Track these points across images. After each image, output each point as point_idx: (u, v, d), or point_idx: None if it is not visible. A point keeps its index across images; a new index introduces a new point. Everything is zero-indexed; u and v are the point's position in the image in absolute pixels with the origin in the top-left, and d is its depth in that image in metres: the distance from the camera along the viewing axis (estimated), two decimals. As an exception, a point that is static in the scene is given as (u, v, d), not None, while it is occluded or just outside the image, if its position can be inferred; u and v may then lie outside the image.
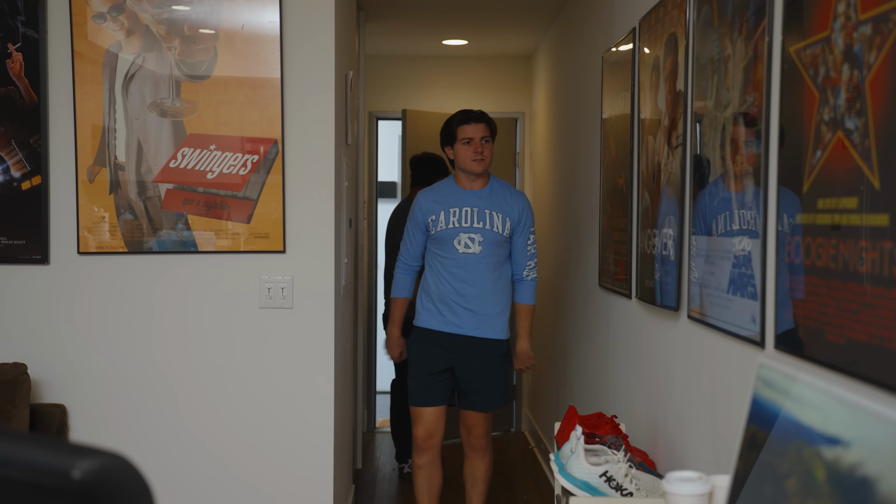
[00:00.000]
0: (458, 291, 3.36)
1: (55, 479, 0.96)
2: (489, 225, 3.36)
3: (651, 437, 2.62)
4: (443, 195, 3.41)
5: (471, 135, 3.37)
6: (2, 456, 0.99)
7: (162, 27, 3.00)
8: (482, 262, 3.35)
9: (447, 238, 3.35)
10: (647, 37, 2.70)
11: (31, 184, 3.01)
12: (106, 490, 0.97)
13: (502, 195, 3.41)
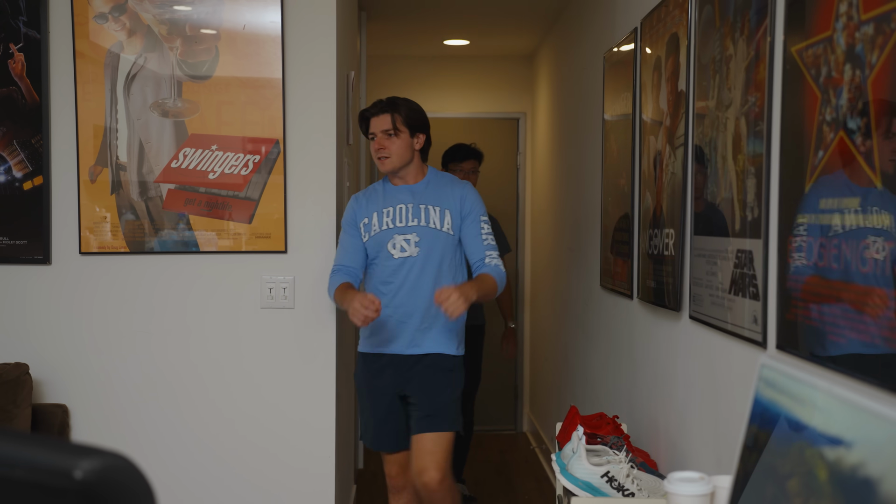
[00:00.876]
0: (395, 303, 2.88)
1: (57, 478, 0.96)
2: (424, 220, 2.90)
3: (653, 438, 2.61)
4: (375, 195, 2.97)
5: (372, 129, 2.92)
6: (4, 456, 0.99)
7: (163, 27, 3.00)
8: (423, 265, 2.88)
9: (381, 243, 2.90)
10: (648, 37, 2.70)
11: (33, 184, 3.01)
12: (107, 490, 0.97)
13: (439, 186, 2.96)
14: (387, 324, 2.89)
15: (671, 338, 2.48)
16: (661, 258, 2.51)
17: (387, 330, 2.90)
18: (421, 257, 2.88)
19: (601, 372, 3.50)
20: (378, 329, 2.91)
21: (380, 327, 2.91)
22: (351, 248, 2.95)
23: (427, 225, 2.90)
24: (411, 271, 2.88)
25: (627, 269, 2.95)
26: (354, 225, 2.95)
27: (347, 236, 2.96)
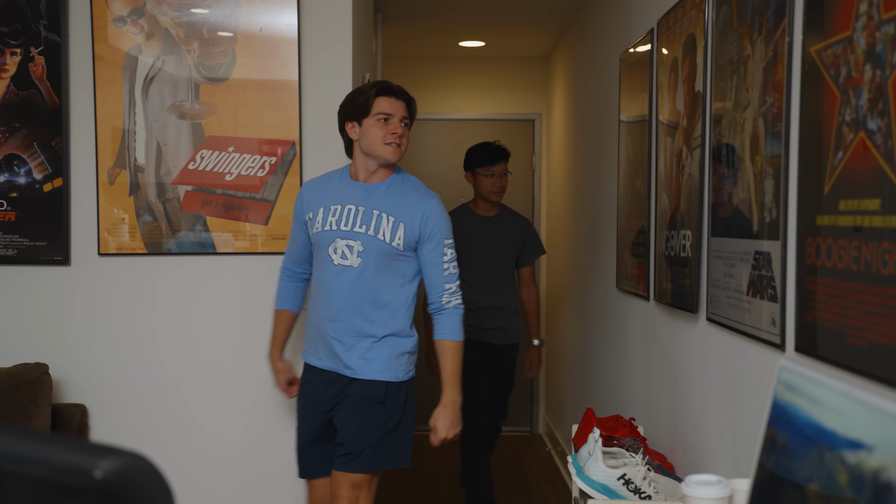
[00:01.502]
0: (326, 314, 2.54)
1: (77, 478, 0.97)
2: (374, 230, 2.52)
3: (670, 440, 2.60)
4: (328, 187, 2.61)
5: (390, 111, 2.54)
6: (25, 455, 1.00)
7: (181, 30, 3.02)
8: (359, 279, 2.51)
9: (322, 244, 2.56)
10: (665, 37, 2.69)
11: (53, 186, 3.03)
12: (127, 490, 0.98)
13: (401, 193, 2.57)
14: (320, 337, 2.58)
15: (688, 340, 2.47)
16: (677, 260, 2.50)
17: (319, 344, 2.59)
18: (359, 270, 2.51)
19: (617, 374, 3.48)
20: (312, 340, 2.61)
21: (313, 339, 2.61)
22: (297, 244, 2.69)
23: (375, 235, 2.52)
24: (346, 284, 2.52)
25: (644, 271, 2.94)
26: (300, 219, 2.66)
27: (293, 230, 2.71)
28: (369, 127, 2.54)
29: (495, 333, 3.99)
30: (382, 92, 2.56)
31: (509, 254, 4.01)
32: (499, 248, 3.99)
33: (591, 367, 4.14)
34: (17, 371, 2.85)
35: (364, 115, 2.55)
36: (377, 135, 2.53)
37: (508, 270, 4.02)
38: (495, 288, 3.96)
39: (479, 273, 3.94)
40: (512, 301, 4.02)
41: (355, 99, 2.58)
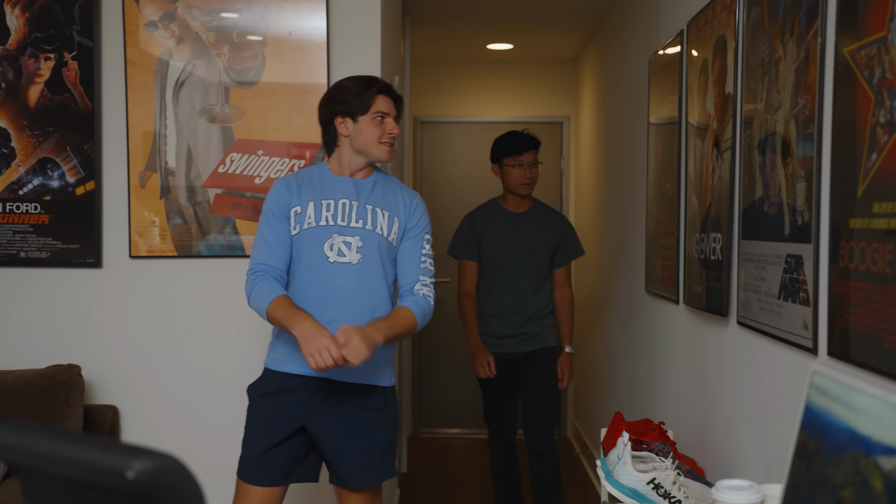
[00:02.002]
0: (322, 316, 2.33)
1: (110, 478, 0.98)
2: (371, 224, 2.41)
3: (699, 445, 2.58)
4: (310, 182, 2.45)
5: (387, 110, 2.44)
6: (60, 456, 1.01)
7: (211, 34, 3.05)
8: (360, 276, 2.38)
9: (316, 240, 2.39)
10: (695, 39, 2.67)
11: (85, 189, 3.07)
12: (158, 490, 0.99)
13: (389, 189, 2.49)
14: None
15: (718, 343, 2.45)
16: (707, 263, 2.48)
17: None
18: (360, 266, 2.38)
19: (646, 377, 3.46)
20: (293, 339, 2.34)
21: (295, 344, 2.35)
22: (276, 242, 2.40)
23: (374, 229, 2.41)
24: (346, 281, 2.37)
25: (673, 274, 2.92)
26: (283, 214, 2.42)
27: (271, 228, 2.41)
28: (365, 125, 2.42)
29: (517, 341, 3.65)
30: (383, 91, 2.45)
31: (542, 254, 3.65)
32: (529, 248, 3.64)
33: (620, 371, 4.12)
34: (51, 372, 2.89)
35: (361, 112, 2.42)
36: (374, 133, 2.42)
37: (539, 272, 3.65)
38: (521, 291, 3.65)
39: (507, 274, 3.64)
40: (542, 305, 3.67)
41: (346, 95, 2.43)
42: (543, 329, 3.69)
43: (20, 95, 3.05)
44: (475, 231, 3.67)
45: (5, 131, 3.05)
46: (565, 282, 3.78)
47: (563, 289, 3.77)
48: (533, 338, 3.67)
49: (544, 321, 3.70)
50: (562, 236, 3.70)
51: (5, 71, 3.04)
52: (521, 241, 3.64)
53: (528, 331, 3.65)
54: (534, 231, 3.66)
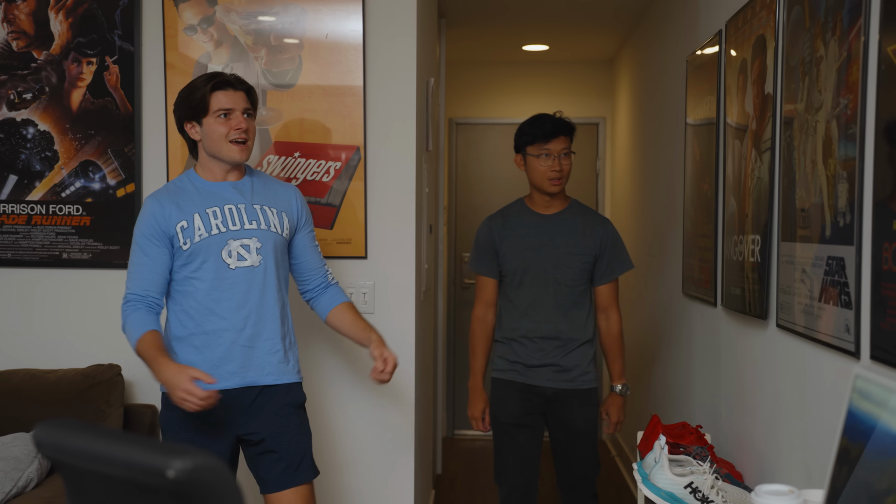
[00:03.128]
0: (233, 325, 2.32)
1: (151, 477, 0.99)
2: (265, 223, 2.36)
3: (738, 449, 2.55)
4: (185, 194, 2.35)
5: (230, 105, 2.33)
6: (102, 454, 1.03)
7: (249, 38, 3.07)
8: (264, 277, 2.35)
9: (211, 250, 2.31)
10: (733, 39, 2.65)
11: (126, 191, 3.12)
12: (198, 490, 1.00)
13: (267, 186, 2.44)
14: (218, 350, 2.33)
15: (757, 346, 2.42)
16: (746, 265, 2.46)
17: (218, 357, 2.33)
18: (263, 268, 2.35)
19: (684, 380, 3.43)
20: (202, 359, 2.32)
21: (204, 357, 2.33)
22: (150, 269, 2.32)
23: (269, 228, 2.37)
24: (254, 284, 2.33)
25: (711, 276, 2.89)
26: (159, 236, 2.32)
27: (144, 255, 2.32)
28: (210, 125, 2.32)
29: (545, 373, 2.90)
30: (219, 86, 2.33)
31: (575, 265, 2.90)
32: (559, 257, 2.91)
33: (656, 374, 4.08)
34: (92, 372, 2.93)
35: (203, 113, 2.32)
36: (220, 133, 2.31)
37: (574, 288, 2.91)
38: (549, 310, 2.90)
39: (532, 291, 2.92)
40: (578, 330, 2.91)
41: (190, 96, 2.34)
42: (581, 362, 2.91)
43: (63, 99, 3.10)
44: (492, 238, 2.98)
45: (49, 134, 3.11)
46: (611, 303, 2.98)
47: (609, 312, 2.98)
48: (566, 372, 2.91)
49: (582, 352, 2.92)
50: (603, 244, 2.93)
51: (49, 75, 3.10)
52: (549, 248, 2.92)
53: (560, 362, 2.91)
54: (566, 237, 2.92)
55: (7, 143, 3.11)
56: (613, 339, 3.00)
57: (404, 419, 3.12)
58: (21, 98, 3.10)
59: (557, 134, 2.93)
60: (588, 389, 2.92)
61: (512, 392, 2.92)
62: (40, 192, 3.12)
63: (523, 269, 2.93)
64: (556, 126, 2.94)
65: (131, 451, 0.99)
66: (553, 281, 2.91)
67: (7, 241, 3.12)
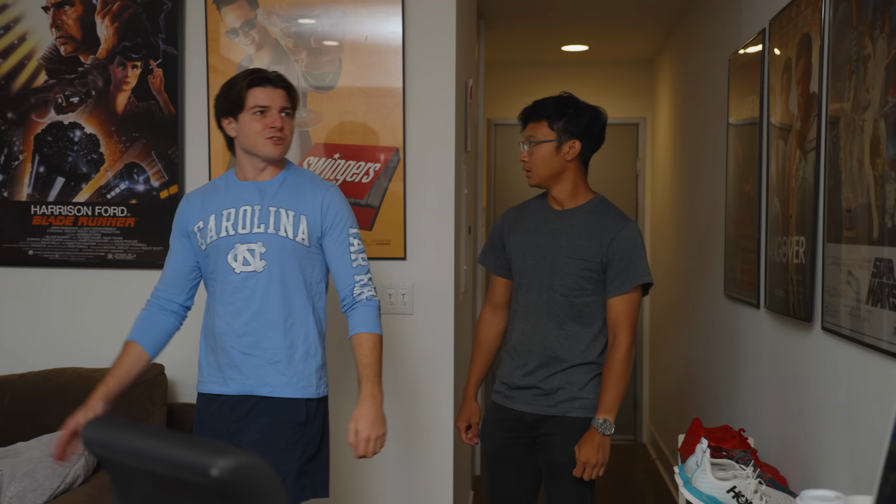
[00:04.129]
0: (233, 330, 2.29)
1: (195, 475, 1.01)
2: (274, 227, 2.28)
3: (782, 453, 2.51)
4: (214, 194, 2.36)
5: (266, 102, 2.28)
6: (147, 452, 1.05)
7: (290, 40, 3.10)
8: (267, 283, 2.27)
9: (220, 252, 2.30)
10: (777, 37, 2.61)
11: (169, 193, 3.16)
12: (240, 488, 1.01)
13: (296, 186, 2.34)
14: (225, 358, 2.30)
15: (802, 349, 2.38)
16: (790, 266, 2.42)
17: (223, 367, 2.31)
18: (266, 273, 2.27)
19: (726, 383, 3.39)
20: (213, 366, 2.34)
21: (214, 363, 2.34)
22: (171, 267, 2.38)
23: (276, 232, 2.28)
24: (255, 291, 2.27)
25: (753, 278, 2.85)
26: (183, 233, 2.37)
27: (171, 251, 2.40)
28: (246, 122, 2.28)
29: (527, 396, 2.49)
30: (256, 82, 2.29)
31: (573, 271, 2.45)
32: (559, 261, 2.47)
33: (698, 376, 4.04)
34: (136, 370, 2.97)
35: (239, 109, 2.29)
36: (254, 129, 2.27)
37: (571, 298, 2.45)
38: (539, 321, 2.48)
39: (526, 294, 2.52)
40: (573, 349, 2.45)
41: (228, 92, 2.31)
42: (569, 385, 2.45)
43: (109, 102, 3.15)
44: (502, 231, 2.62)
45: (95, 137, 3.16)
46: (619, 322, 2.43)
47: (616, 332, 2.43)
48: (549, 396, 2.46)
49: (573, 375, 2.46)
50: (612, 249, 2.43)
51: (95, 79, 3.15)
52: (553, 249, 2.49)
53: (541, 385, 2.47)
54: (571, 237, 2.48)
55: (55, 145, 3.17)
56: (610, 364, 2.41)
57: (442, 420, 3.12)
58: (68, 102, 3.16)
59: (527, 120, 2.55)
60: (578, 419, 2.43)
61: (495, 417, 2.56)
62: (86, 194, 3.17)
63: (522, 270, 2.53)
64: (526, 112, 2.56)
65: (176, 450, 1.01)
66: (548, 287, 2.47)
67: (55, 241, 3.18)
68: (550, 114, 2.47)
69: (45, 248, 3.19)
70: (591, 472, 2.38)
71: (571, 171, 2.50)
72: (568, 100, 2.51)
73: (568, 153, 2.48)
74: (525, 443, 2.51)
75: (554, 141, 2.47)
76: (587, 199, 2.52)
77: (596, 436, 2.38)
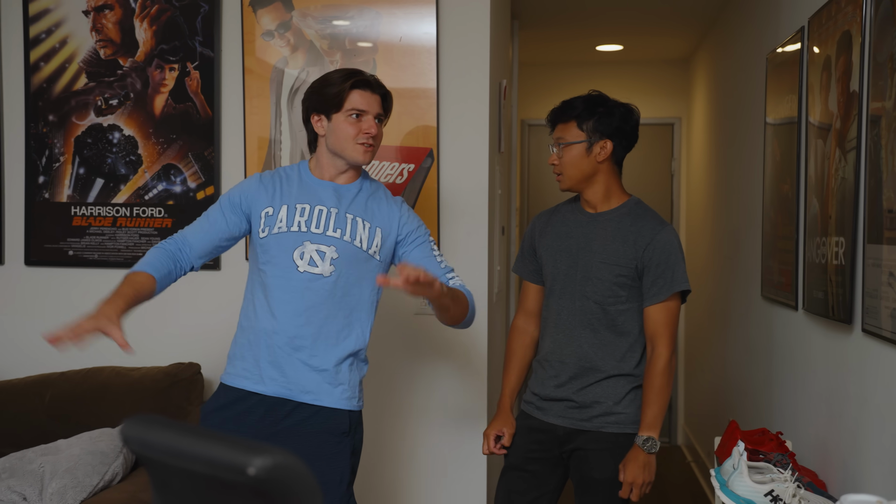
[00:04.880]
0: (284, 329, 2.20)
1: (232, 473, 1.02)
2: (350, 235, 2.22)
3: (821, 457, 2.48)
4: (288, 183, 2.28)
5: (363, 106, 2.22)
6: (185, 451, 1.06)
7: (325, 42, 3.12)
8: (332, 290, 2.20)
9: (285, 247, 2.21)
10: (816, 35, 2.57)
11: (205, 194, 3.19)
12: (277, 487, 1.02)
13: (373, 197, 2.29)
14: (268, 357, 2.21)
15: (842, 352, 2.34)
16: (829, 268, 2.38)
17: (264, 365, 2.21)
18: (333, 280, 2.19)
19: (763, 386, 3.35)
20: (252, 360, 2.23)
21: (253, 358, 2.23)
22: (208, 234, 2.26)
23: (351, 241, 2.21)
24: (315, 294, 2.19)
25: (791, 279, 2.82)
26: (237, 208, 2.27)
27: (219, 214, 2.27)
28: (339, 123, 2.22)
29: (559, 408, 2.39)
30: (358, 85, 2.22)
31: (607, 278, 2.34)
32: (592, 267, 2.36)
33: (734, 378, 4.00)
34: (173, 370, 3.01)
35: (335, 109, 2.22)
36: (348, 133, 2.21)
37: (605, 306, 2.35)
38: (573, 329, 2.38)
39: (558, 302, 2.42)
40: (609, 359, 2.35)
41: (324, 89, 2.23)
42: (605, 399, 2.34)
43: (146, 105, 3.19)
44: (533, 236, 2.53)
45: (133, 139, 3.21)
46: (658, 331, 2.32)
47: (655, 342, 2.33)
48: (582, 409, 2.36)
49: (609, 387, 2.35)
50: (648, 255, 2.32)
51: (134, 82, 3.20)
52: (586, 254, 2.38)
53: (575, 397, 2.37)
54: (604, 241, 2.37)
55: (94, 147, 3.22)
56: (650, 377, 2.30)
57: (477, 420, 3.12)
58: (108, 104, 3.21)
59: (556, 122, 2.43)
60: (614, 434, 2.33)
61: (523, 425, 2.46)
62: (125, 195, 3.22)
63: (554, 276, 2.42)
64: (554, 114, 2.44)
65: (213, 448, 1.02)
66: (580, 294, 2.37)
67: (94, 242, 3.23)
68: (580, 113, 2.36)
69: (84, 248, 3.24)
70: (637, 493, 2.30)
71: (604, 172, 2.37)
72: (597, 98, 2.40)
73: (599, 154, 2.36)
74: (550, 458, 2.40)
75: (584, 142, 2.35)
76: (621, 202, 2.40)
77: (641, 454, 2.28)
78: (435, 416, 3.13)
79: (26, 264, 3.25)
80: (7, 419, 2.94)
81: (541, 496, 2.40)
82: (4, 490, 2.57)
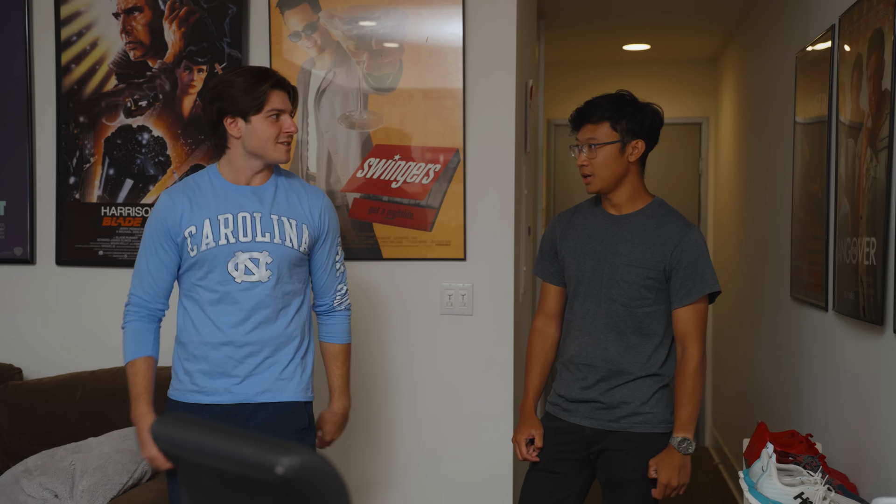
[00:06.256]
0: (231, 339, 2.21)
1: (260, 473, 1.02)
2: (279, 237, 2.23)
3: (852, 460, 2.45)
4: (202, 195, 2.24)
5: (282, 105, 2.21)
6: (214, 450, 1.07)
7: (351, 43, 3.13)
8: (272, 294, 2.22)
9: (217, 261, 2.21)
10: (847, 34, 2.54)
11: (233, 194, 3.21)
12: (306, 487, 1.02)
13: (290, 192, 2.29)
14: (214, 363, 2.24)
15: (873, 354, 2.32)
16: (860, 268, 2.36)
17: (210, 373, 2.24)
18: (272, 283, 2.22)
19: (792, 387, 3.32)
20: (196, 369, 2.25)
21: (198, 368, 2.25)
22: (155, 272, 2.25)
23: (282, 242, 2.22)
24: (257, 302, 2.21)
25: (821, 280, 2.79)
26: (167, 235, 2.23)
27: (150, 255, 2.25)
28: (259, 124, 2.19)
29: (586, 409, 2.38)
30: (278, 85, 2.21)
31: (634, 280, 2.33)
32: (618, 269, 2.35)
33: (763, 380, 3.96)
34: (201, 368, 3.03)
35: (254, 110, 2.18)
36: (270, 133, 2.19)
37: (633, 308, 2.34)
38: (599, 332, 2.36)
39: (582, 304, 2.40)
40: (636, 361, 2.34)
41: (235, 92, 2.18)
42: (632, 399, 2.34)
43: (175, 106, 3.22)
44: (554, 238, 2.51)
45: (162, 140, 3.24)
46: (689, 333, 2.33)
47: (686, 344, 2.33)
48: (610, 410, 2.36)
49: (636, 388, 2.35)
50: (676, 257, 2.32)
51: (163, 83, 3.23)
52: (611, 257, 2.37)
53: (602, 398, 2.36)
54: (630, 244, 2.36)
55: (124, 148, 3.25)
56: (682, 378, 2.31)
57: (502, 421, 3.12)
58: (137, 105, 3.24)
59: (582, 122, 2.39)
60: (642, 434, 2.32)
61: (549, 427, 2.45)
62: (154, 195, 3.24)
63: (578, 279, 2.40)
64: (580, 113, 2.40)
65: (242, 448, 1.02)
66: (606, 297, 2.35)
67: (123, 242, 3.26)
68: (612, 114, 2.33)
69: (114, 248, 3.27)
70: (672, 494, 2.29)
71: (633, 173, 2.37)
72: (626, 97, 2.37)
73: (632, 154, 2.34)
74: (577, 459, 2.39)
75: (618, 142, 2.32)
76: (646, 203, 2.39)
77: (676, 455, 2.27)
78: (460, 416, 3.13)
79: (57, 264, 3.29)
80: (38, 418, 2.98)
81: (567, 497, 2.39)
82: (36, 487, 2.60)
